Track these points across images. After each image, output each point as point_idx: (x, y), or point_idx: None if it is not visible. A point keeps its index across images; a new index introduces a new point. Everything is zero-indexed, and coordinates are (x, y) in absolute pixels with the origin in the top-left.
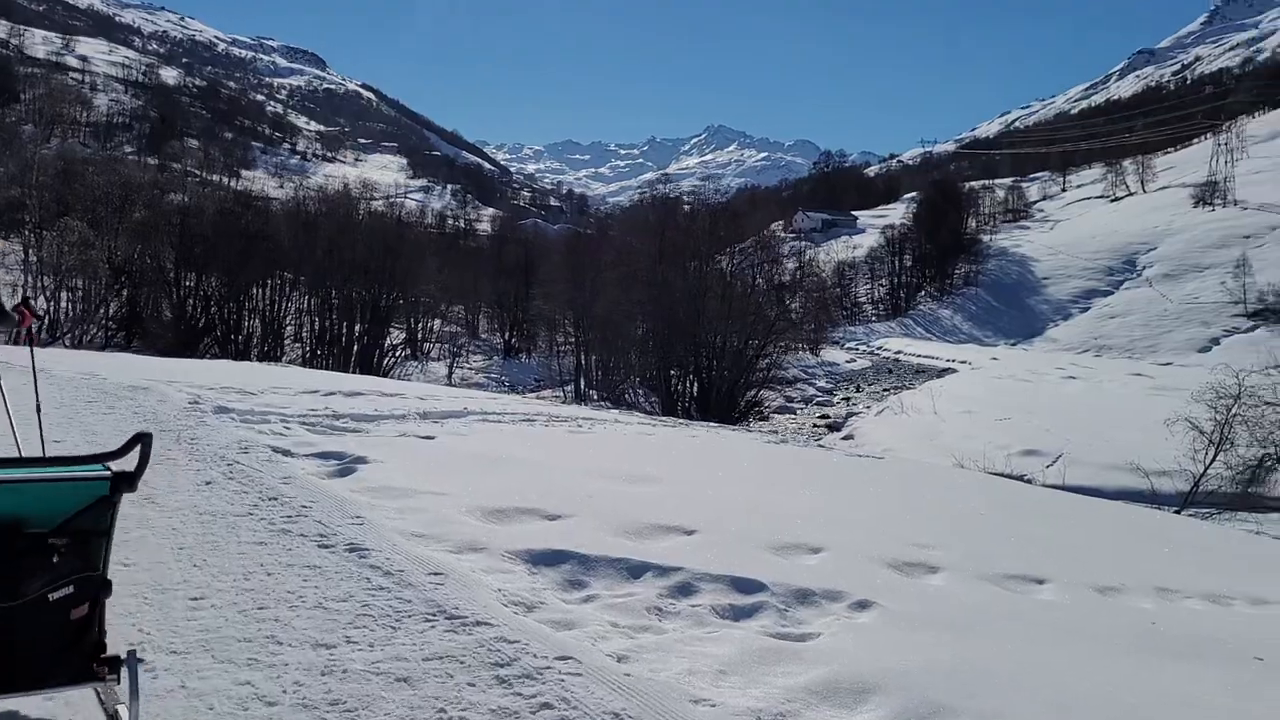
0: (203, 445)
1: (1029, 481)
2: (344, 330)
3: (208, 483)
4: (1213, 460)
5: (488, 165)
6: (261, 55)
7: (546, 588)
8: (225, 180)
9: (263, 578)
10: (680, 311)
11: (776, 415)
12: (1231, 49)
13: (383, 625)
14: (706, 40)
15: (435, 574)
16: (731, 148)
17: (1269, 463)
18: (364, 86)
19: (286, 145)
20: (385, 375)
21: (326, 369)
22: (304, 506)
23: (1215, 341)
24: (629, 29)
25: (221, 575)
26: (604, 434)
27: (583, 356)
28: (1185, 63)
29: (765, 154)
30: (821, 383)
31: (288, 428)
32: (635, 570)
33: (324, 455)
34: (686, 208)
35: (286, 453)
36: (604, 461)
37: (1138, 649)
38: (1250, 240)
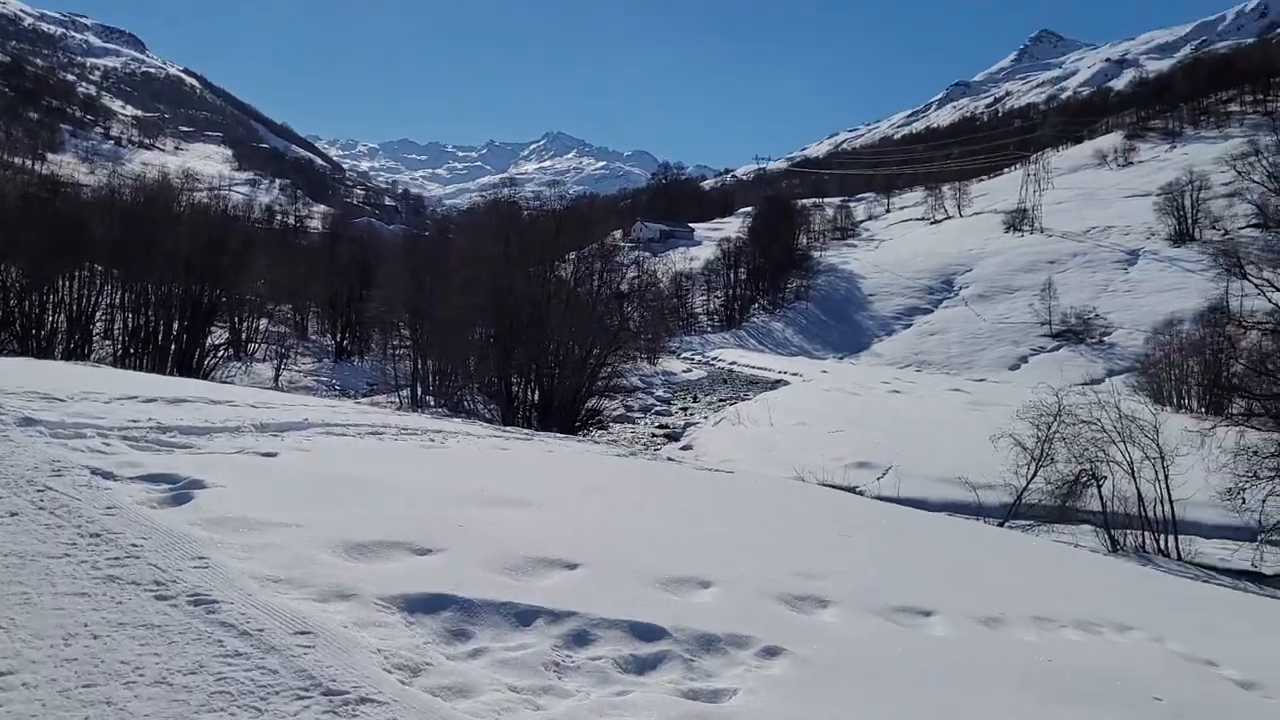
0: (6, 467)
1: (862, 493)
2: (161, 328)
3: (13, 514)
4: (1034, 475)
5: (320, 160)
6: (73, 33)
7: (429, 641)
8: (29, 163)
9: (88, 642)
10: (523, 317)
11: (616, 424)
12: (1038, 86)
13: (244, 706)
14: (546, 46)
15: (303, 633)
16: (570, 155)
17: (1084, 478)
18: (186, 72)
19: (99, 129)
20: (206, 377)
21: (141, 369)
22: (134, 545)
23: (1024, 359)
24: (468, 30)
25: (35, 640)
26: (458, 449)
27: (419, 361)
28: (997, 96)
29: (604, 163)
30: (660, 392)
31: (107, 443)
32: (524, 616)
33: (153, 478)
34: (527, 213)
35: (109, 475)
36: (466, 481)
37: (1046, 692)
38: (1055, 265)
